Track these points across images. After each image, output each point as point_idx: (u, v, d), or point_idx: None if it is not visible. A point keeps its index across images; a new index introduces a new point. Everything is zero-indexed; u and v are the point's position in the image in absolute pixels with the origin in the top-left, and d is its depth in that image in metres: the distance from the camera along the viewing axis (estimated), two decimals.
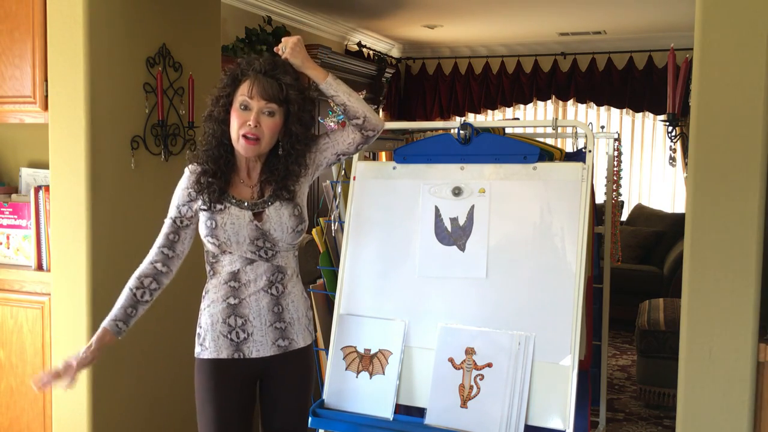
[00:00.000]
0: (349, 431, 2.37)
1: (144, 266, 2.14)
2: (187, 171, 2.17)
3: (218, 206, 2.09)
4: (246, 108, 2.07)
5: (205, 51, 3.43)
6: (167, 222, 2.15)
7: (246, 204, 2.11)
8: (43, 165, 3.14)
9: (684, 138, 5.40)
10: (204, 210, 2.11)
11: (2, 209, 3.11)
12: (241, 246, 2.09)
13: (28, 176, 3.23)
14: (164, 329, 3.19)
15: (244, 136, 2.06)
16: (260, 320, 2.12)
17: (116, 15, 2.91)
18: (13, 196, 3.17)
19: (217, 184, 2.10)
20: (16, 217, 3.08)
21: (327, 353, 2.53)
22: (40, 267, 3.02)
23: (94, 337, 2.09)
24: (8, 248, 3.10)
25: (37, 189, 2.99)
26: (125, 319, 2.10)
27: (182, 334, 3.07)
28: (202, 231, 2.11)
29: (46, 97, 2.89)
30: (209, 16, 3.49)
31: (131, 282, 2.12)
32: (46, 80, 2.88)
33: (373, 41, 7.68)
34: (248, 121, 2.05)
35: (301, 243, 3.92)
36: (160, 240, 2.15)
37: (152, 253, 2.14)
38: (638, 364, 4.44)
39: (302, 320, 2.20)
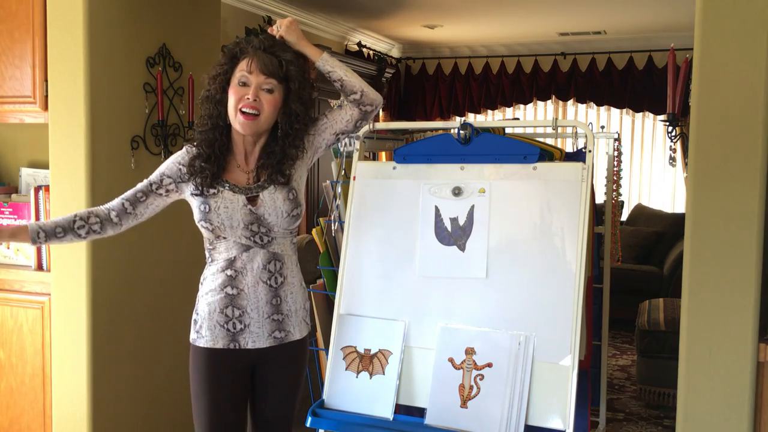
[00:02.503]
0: (349, 431, 2.37)
1: (101, 207, 2.13)
2: (185, 149, 2.15)
3: (211, 190, 2.07)
4: (245, 84, 2.03)
5: (205, 51, 3.44)
6: (144, 182, 2.14)
7: (240, 188, 2.08)
8: (43, 165, 3.14)
9: (684, 138, 5.40)
10: (196, 195, 2.08)
11: (2, 209, 3.11)
12: (235, 231, 2.06)
13: (28, 176, 3.23)
14: (161, 319, 3.21)
15: (242, 111, 2.02)
16: (258, 312, 2.11)
17: (116, 15, 2.92)
18: (13, 196, 3.17)
19: (210, 170, 2.06)
20: (16, 217, 3.08)
21: (327, 353, 2.53)
22: (40, 267, 3.02)
23: (12, 226, 2.05)
24: (8, 248, 3.10)
25: (37, 189, 2.99)
26: (49, 234, 2.06)
27: (179, 323, 3.07)
28: (196, 216, 2.09)
29: (46, 97, 2.89)
30: (209, 16, 3.49)
31: (81, 211, 2.11)
32: (46, 80, 2.88)
33: (373, 41, 7.67)
34: (246, 95, 2.01)
35: (300, 243, 3.92)
36: (128, 193, 2.13)
37: (115, 200, 2.13)
38: (638, 364, 4.44)
39: (299, 312, 2.19)
